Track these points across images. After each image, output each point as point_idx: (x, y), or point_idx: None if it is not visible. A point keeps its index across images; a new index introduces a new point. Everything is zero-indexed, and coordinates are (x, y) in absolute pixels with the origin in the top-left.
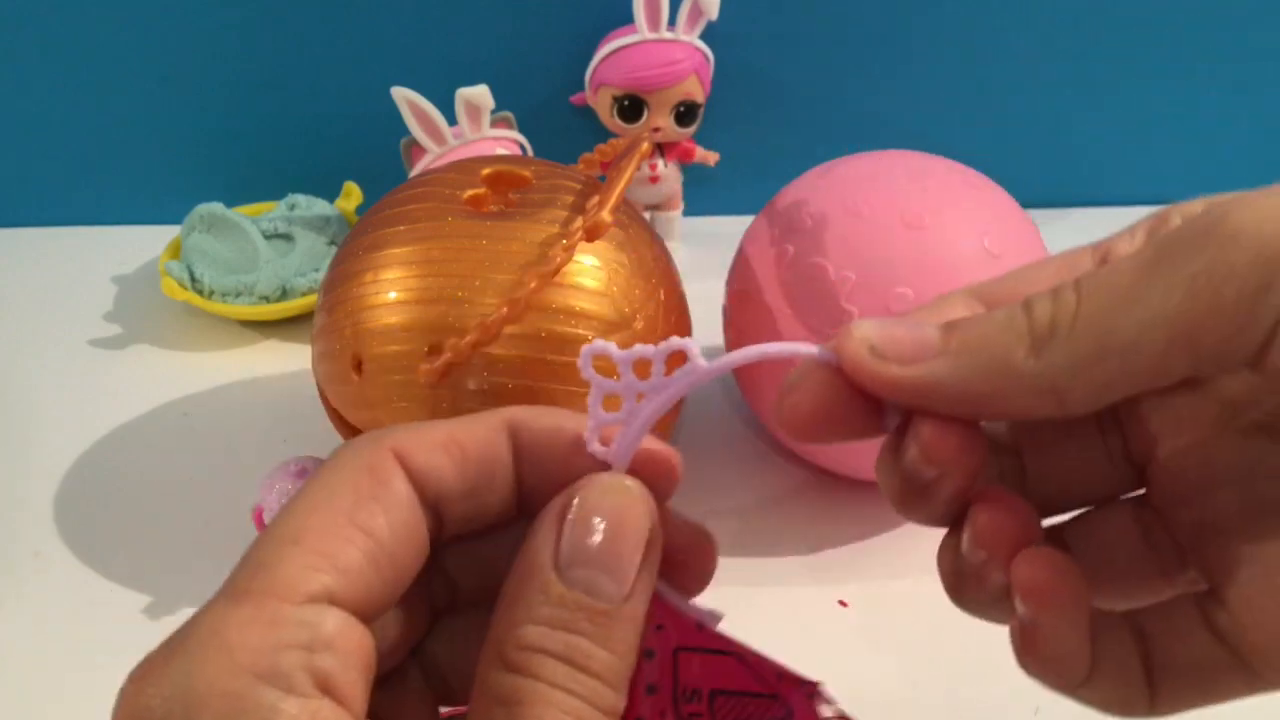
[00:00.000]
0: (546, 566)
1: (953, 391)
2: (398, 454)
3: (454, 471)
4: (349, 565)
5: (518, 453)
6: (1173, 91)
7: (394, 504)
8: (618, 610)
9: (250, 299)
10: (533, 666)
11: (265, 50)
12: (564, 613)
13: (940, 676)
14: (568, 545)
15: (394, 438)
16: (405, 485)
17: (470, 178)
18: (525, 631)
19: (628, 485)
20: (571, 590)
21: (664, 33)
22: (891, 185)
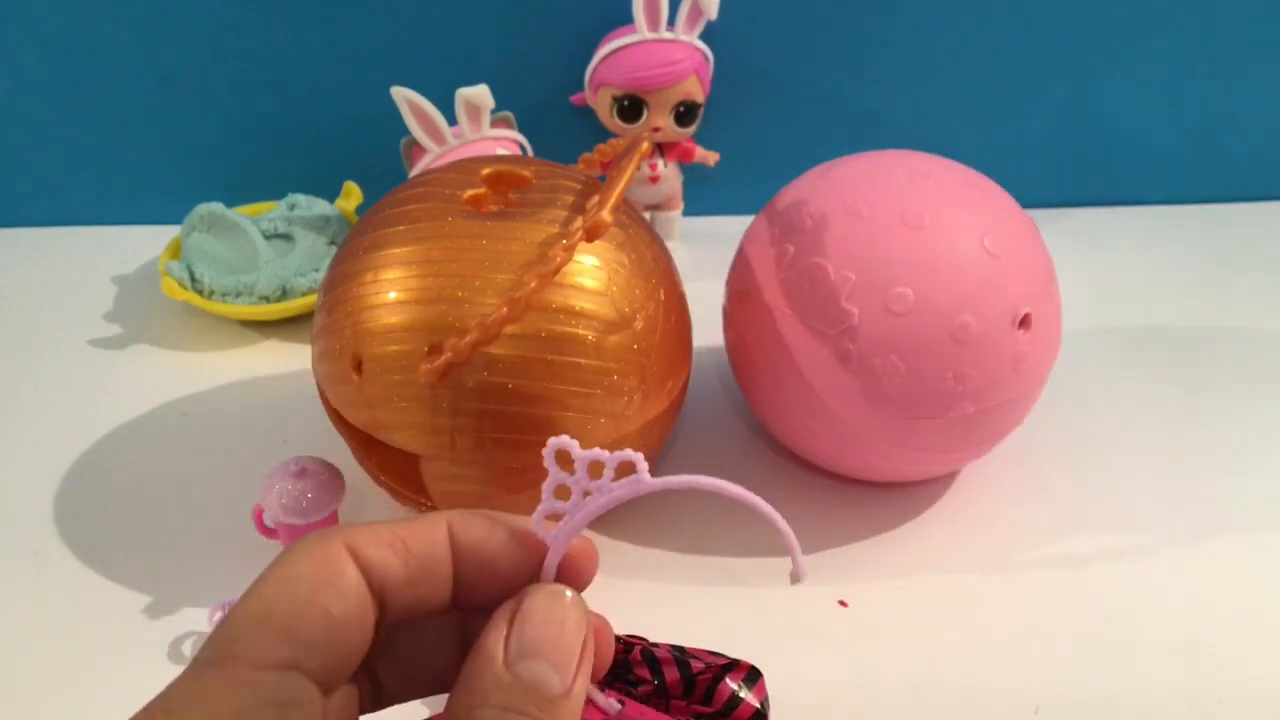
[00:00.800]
0: (498, 659)
1: None
2: (350, 548)
3: (398, 565)
4: (311, 640)
5: (456, 551)
6: (1172, 91)
7: (346, 590)
8: (561, 700)
9: (250, 299)
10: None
11: (265, 50)
12: (515, 698)
13: (940, 676)
14: (517, 641)
15: (346, 534)
16: (356, 575)
17: (470, 178)
18: (481, 714)
19: (567, 593)
20: (521, 680)
21: (664, 33)
22: (891, 185)
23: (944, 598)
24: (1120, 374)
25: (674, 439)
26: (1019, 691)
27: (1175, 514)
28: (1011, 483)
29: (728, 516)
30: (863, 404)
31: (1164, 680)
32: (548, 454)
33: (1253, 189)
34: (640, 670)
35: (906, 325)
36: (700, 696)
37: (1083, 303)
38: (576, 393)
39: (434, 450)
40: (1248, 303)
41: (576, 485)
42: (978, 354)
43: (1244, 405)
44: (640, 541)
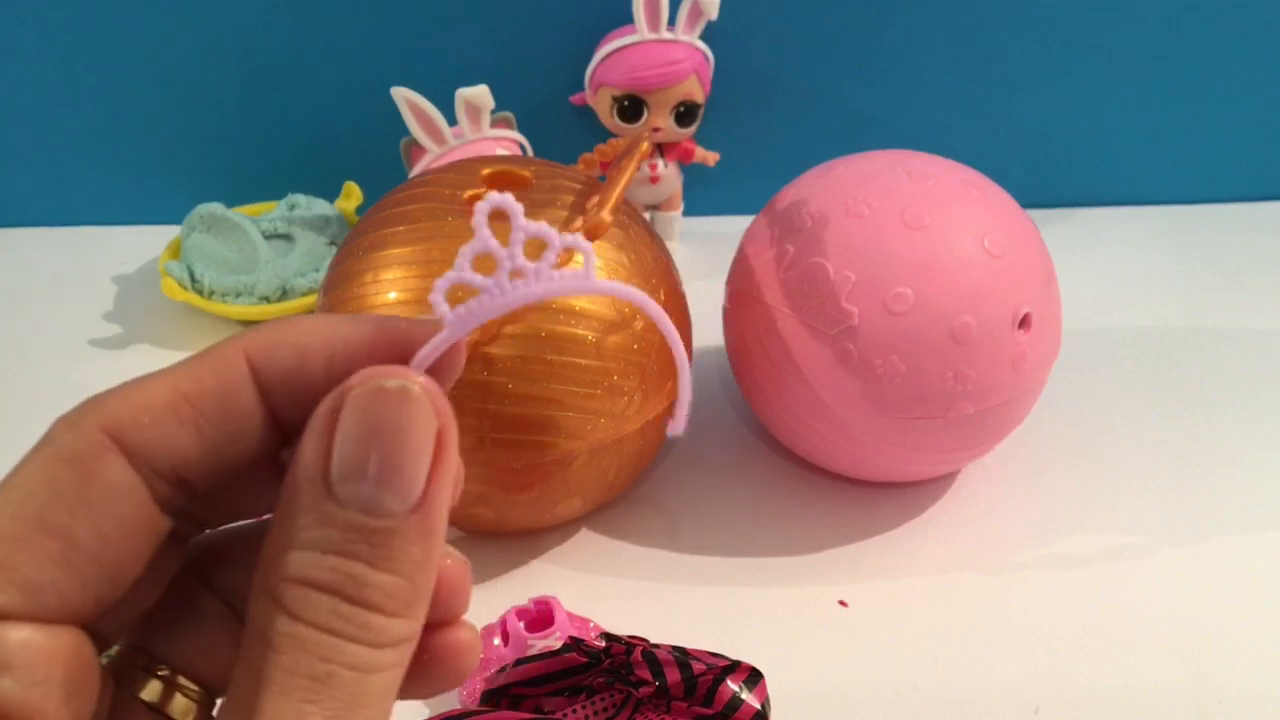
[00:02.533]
0: (315, 481)
1: None
2: (111, 433)
3: (188, 435)
4: (34, 578)
5: (265, 387)
6: (1173, 92)
7: (102, 498)
8: (402, 525)
9: (250, 299)
10: (295, 603)
11: (265, 50)
12: (335, 534)
13: (940, 676)
14: (339, 456)
15: (105, 411)
16: (121, 472)
17: (470, 178)
18: (290, 559)
19: (405, 383)
20: (344, 509)
21: (664, 33)
22: (891, 185)
23: (944, 598)
24: (1120, 374)
25: (674, 439)
26: (1019, 691)
27: (1175, 514)
28: (1011, 483)
29: (728, 516)
30: (863, 404)
31: (1164, 680)
32: (480, 210)
33: (1252, 189)
34: (641, 671)
35: (906, 325)
36: (701, 698)
37: (1083, 303)
38: (576, 393)
39: None
40: (1248, 303)
41: (507, 260)
42: (978, 354)
43: (1244, 405)
44: (640, 541)
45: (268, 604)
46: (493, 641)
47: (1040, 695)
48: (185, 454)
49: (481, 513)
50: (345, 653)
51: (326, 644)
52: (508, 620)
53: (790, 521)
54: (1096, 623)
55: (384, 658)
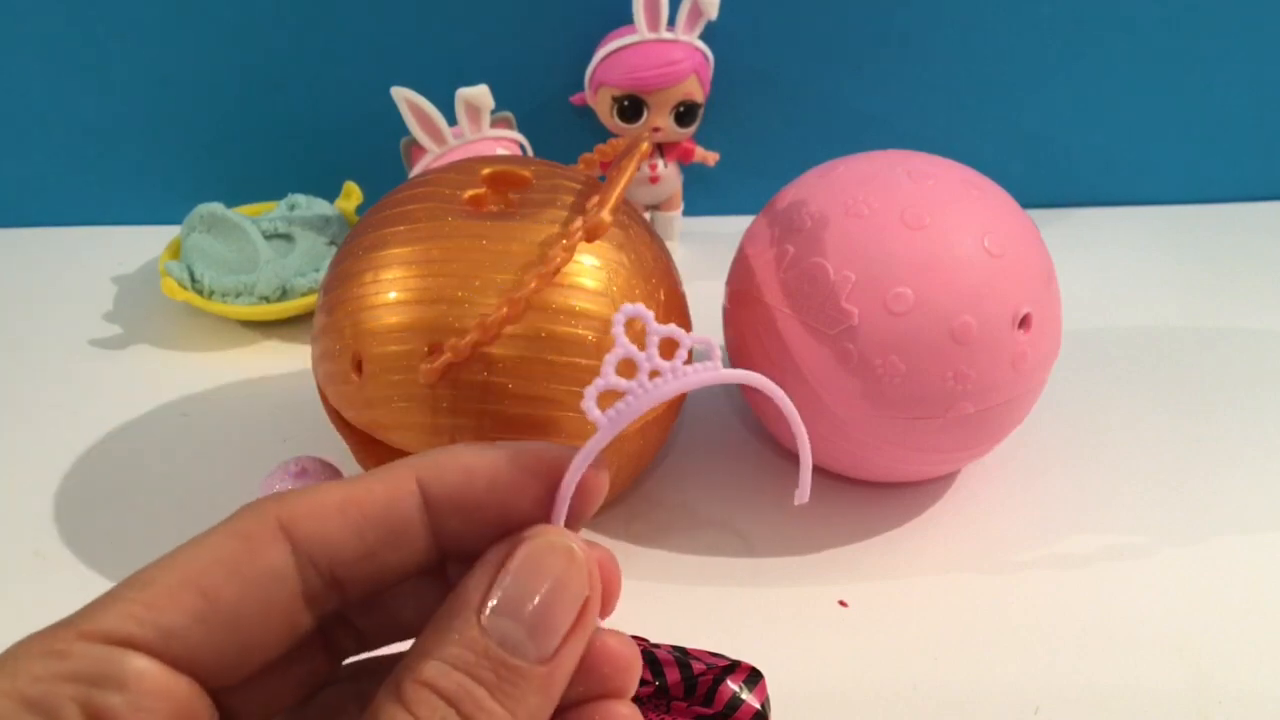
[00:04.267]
0: (469, 608)
1: None
2: (284, 522)
3: (350, 536)
4: (171, 625)
5: (432, 503)
6: (1173, 91)
7: (253, 575)
8: (531, 670)
9: (250, 299)
10: (417, 701)
11: (265, 50)
12: (471, 657)
13: (940, 676)
14: (498, 592)
15: (284, 505)
16: (283, 555)
17: (470, 178)
18: (426, 665)
19: (573, 546)
20: (486, 637)
21: (664, 33)
22: (891, 185)
23: (944, 598)
24: (1120, 374)
25: (674, 439)
26: (1019, 691)
27: (1175, 514)
28: (1011, 483)
29: (728, 516)
30: (863, 404)
31: (1164, 680)
32: (617, 320)
33: (1252, 189)
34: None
35: (906, 325)
36: (701, 698)
37: (1083, 303)
38: (577, 393)
39: None
40: (1248, 303)
41: (645, 362)
42: (978, 354)
43: (1244, 405)
44: (640, 541)
45: (389, 700)
46: None
47: (1040, 695)
48: (342, 551)
49: None
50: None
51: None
52: None
53: (790, 521)
54: (1096, 623)
55: None
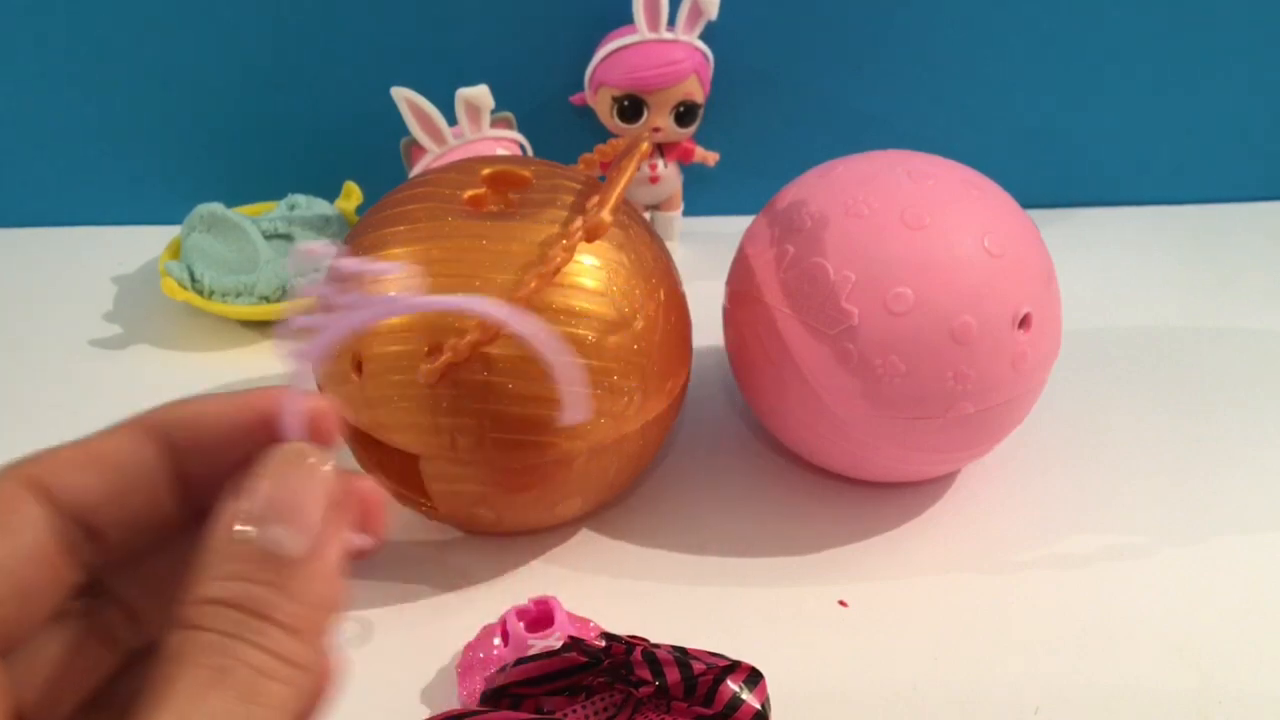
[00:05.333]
0: (228, 523)
1: None
2: (32, 479)
3: (95, 483)
4: None
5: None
6: (1173, 91)
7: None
8: (303, 564)
9: (250, 299)
10: (206, 618)
11: (265, 50)
12: (244, 566)
13: (940, 676)
14: (247, 505)
15: (28, 464)
16: (36, 508)
17: (470, 178)
18: (203, 585)
19: (307, 449)
20: (250, 542)
21: (664, 33)
22: (891, 185)
23: (944, 598)
24: (1120, 374)
25: (674, 439)
26: (1019, 691)
27: (1174, 514)
28: (1011, 483)
29: (728, 516)
30: (863, 404)
31: (1164, 680)
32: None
33: (1252, 189)
34: (642, 671)
35: (906, 325)
36: (701, 698)
37: (1083, 303)
38: None
39: (434, 450)
40: (1248, 303)
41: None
42: (978, 354)
43: (1244, 405)
44: (640, 541)
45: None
46: (493, 641)
47: (1040, 695)
48: (93, 499)
49: (481, 513)
50: (244, 653)
51: (227, 645)
52: (508, 620)
53: (790, 521)
54: (1096, 623)
55: (282, 670)
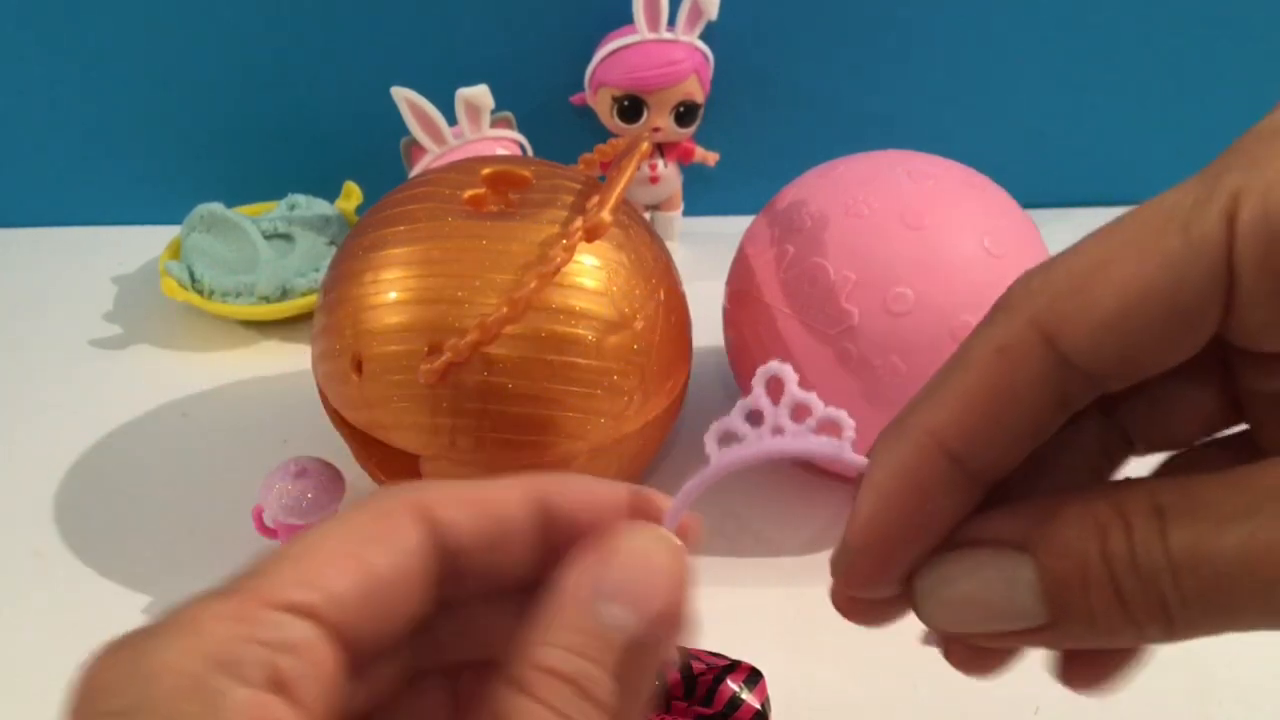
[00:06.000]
0: (578, 596)
1: None
2: (420, 505)
3: (474, 526)
4: (338, 592)
5: (547, 518)
6: (1173, 91)
7: (399, 549)
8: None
9: (250, 299)
10: (536, 684)
11: (265, 50)
12: (581, 639)
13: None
14: (603, 579)
15: (419, 490)
16: (418, 535)
17: (470, 178)
18: (539, 651)
19: (673, 540)
20: (595, 620)
21: (664, 33)
22: (891, 185)
23: None
24: None
25: (674, 439)
26: (1019, 691)
27: None
28: None
29: (727, 516)
30: (863, 404)
31: (1164, 680)
32: (758, 376)
33: None
34: None
35: (906, 325)
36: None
37: None
38: (576, 393)
39: (434, 450)
40: None
41: (771, 417)
42: None
43: None
44: None
45: (511, 689)
46: None
47: (1040, 695)
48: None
49: None
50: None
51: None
52: None
53: (790, 521)
54: None
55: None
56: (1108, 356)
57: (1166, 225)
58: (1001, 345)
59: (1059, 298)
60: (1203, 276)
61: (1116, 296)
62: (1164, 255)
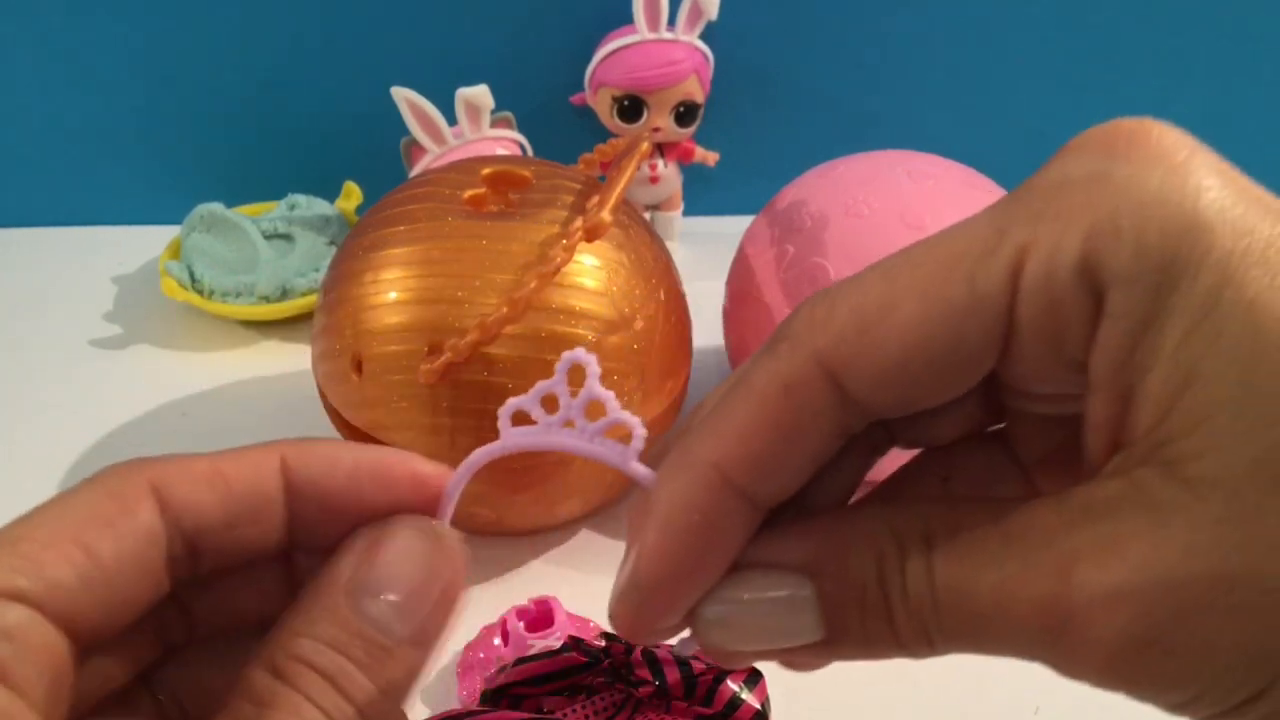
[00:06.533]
0: (339, 588)
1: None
2: (155, 485)
3: (216, 504)
4: (57, 579)
5: (293, 485)
6: (1172, 91)
7: (129, 532)
8: (397, 649)
9: (250, 299)
10: (295, 675)
11: (265, 50)
12: (343, 635)
13: (940, 676)
14: (368, 575)
15: (154, 468)
16: (152, 516)
17: (470, 178)
18: (300, 643)
19: (446, 533)
20: (357, 616)
21: (664, 33)
22: (891, 185)
23: None
24: None
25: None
26: (1019, 691)
27: None
28: None
29: None
30: None
31: None
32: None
33: None
34: (641, 671)
35: None
36: (701, 698)
37: None
38: None
39: (434, 450)
40: None
41: (565, 408)
42: None
43: None
44: None
45: (268, 675)
46: (493, 641)
47: (1040, 695)
48: (209, 519)
49: (481, 513)
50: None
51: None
52: (508, 620)
53: None
54: None
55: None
56: (888, 397)
57: (952, 273)
58: (787, 382)
59: (844, 340)
60: (983, 330)
61: (899, 343)
62: (948, 304)
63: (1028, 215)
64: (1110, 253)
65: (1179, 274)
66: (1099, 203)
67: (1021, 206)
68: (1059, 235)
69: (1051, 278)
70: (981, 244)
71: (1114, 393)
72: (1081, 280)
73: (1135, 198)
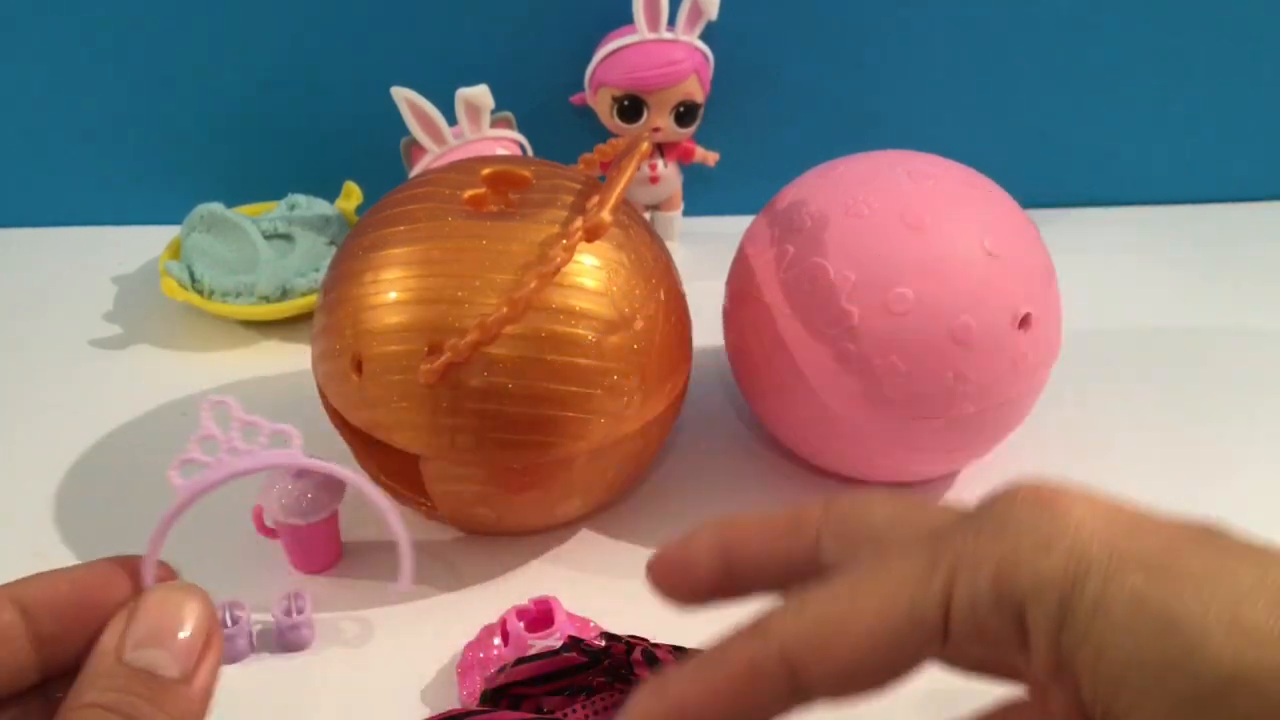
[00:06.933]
0: (110, 652)
1: None
2: None
3: None
4: None
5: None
6: (1173, 91)
7: None
8: (177, 687)
9: (250, 299)
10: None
11: (266, 50)
12: (123, 682)
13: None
14: (131, 631)
15: None
16: None
17: (470, 178)
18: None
19: (188, 585)
20: (133, 667)
21: (664, 33)
22: (891, 185)
23: None
24: (1120, 374)
25: (674, 439)
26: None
27: (1175, 514)
28: None
29: None
30: (863, 404)
31: None
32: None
33: (1253, 189)
34: (641, 671)
35: (906, 325)
36: None
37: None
38: (576, 393)
39: (434, 450)
40: (1247, 303)
41: (225, 440)
42: (978, 354)
43: (1243, 406)
44: (640, 541)
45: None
46: (493, 641)
47: None
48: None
49: (481, 513)
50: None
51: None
52: (508, 620)
53: None
54: None
55: None
56: (835, 688)
57: (897, 597)
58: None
59: (808, 648)
60: (919, 644)
61: (850, 652)
62: (891, 624)
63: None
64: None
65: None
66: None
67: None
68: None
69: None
70: (922, 567)
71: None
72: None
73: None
